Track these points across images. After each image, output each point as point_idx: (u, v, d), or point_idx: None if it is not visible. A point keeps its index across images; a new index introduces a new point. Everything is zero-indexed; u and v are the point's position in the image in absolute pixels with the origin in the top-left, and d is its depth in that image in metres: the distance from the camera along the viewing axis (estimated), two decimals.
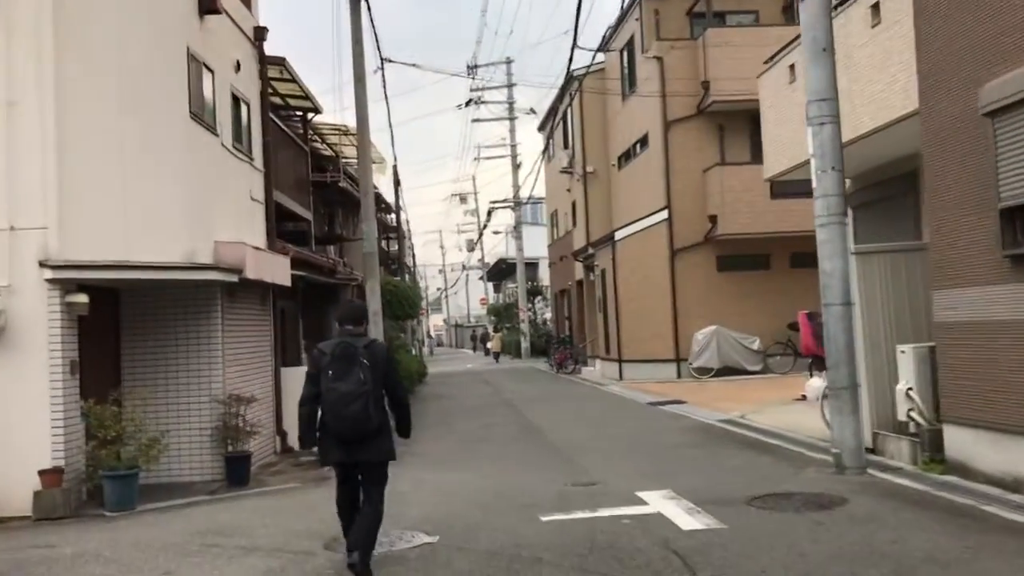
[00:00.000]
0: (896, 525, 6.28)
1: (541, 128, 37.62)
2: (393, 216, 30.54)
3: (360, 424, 5.41)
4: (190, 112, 10.16)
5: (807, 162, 12.98)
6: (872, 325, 8.95)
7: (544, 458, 10.90)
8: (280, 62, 13.53)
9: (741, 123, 22.59)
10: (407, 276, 40.37)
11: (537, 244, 46.30)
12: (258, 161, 12.84)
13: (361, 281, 13.78)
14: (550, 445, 12.11)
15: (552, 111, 34.13)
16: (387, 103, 26.75)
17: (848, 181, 14.26)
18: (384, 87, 21.04)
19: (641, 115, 24.49)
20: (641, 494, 7.73)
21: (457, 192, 67.98)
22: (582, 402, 18.73)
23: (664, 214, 22.56)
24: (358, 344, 5.59)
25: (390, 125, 18.93)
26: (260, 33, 12.81)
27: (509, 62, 45.11)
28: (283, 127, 14.98)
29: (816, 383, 14.99)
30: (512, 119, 45.64)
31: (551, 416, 16.01)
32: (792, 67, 12.59)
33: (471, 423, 15.45)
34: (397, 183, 30.14)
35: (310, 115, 16.60)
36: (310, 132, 17.63)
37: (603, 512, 7.19)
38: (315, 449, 5.84)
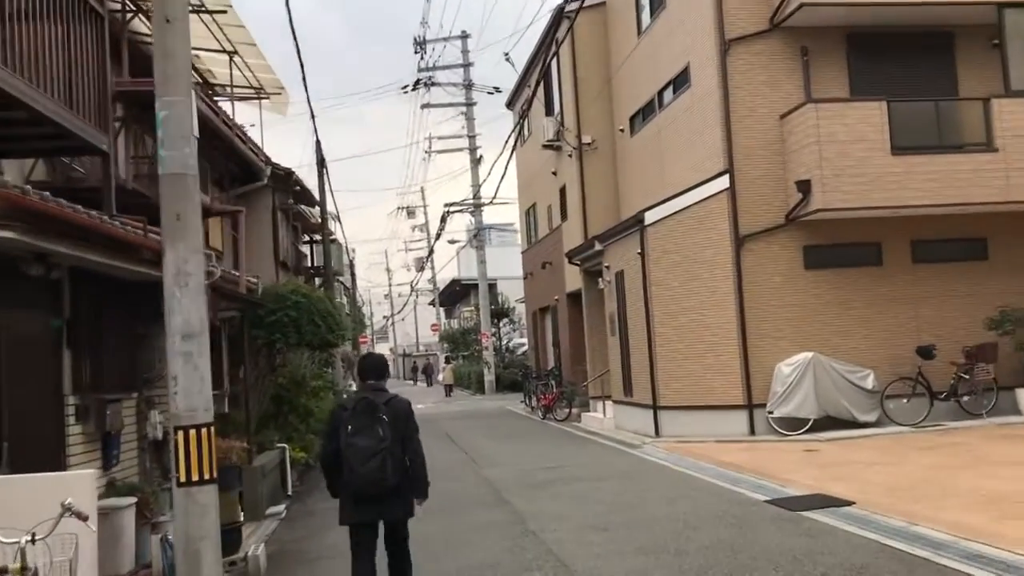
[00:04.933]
0: None
1: (510, 104, 29.71)
2: (317, 209, 22.16)
3: (376, 482, 5.31)
4: None
5: None
6: None
7: None
8: None
9: (836, 42, 14.97)
10: (344, 295, 31.90)
11: (493, 265, 39.12)
12: None
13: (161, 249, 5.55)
14: None
15: (526, 77, 26.30)
16: None
17: None
18: None
19: (674, 43, 16.73)
20: None
21: (404, 205, 59.84)
22: (624, 489, 10.63)
23: (723, 182, 14.74)
24: (379, 400, 5.51)
25: (292, 28, 10.45)
26: None
27: (465, 36, 37.46)
28: None
29: None
30: (470, 104, 37.88)
31: (594, 540, 7.92)
32: None
33: (437, 563, 7.35)
34: (321, 162, 21.81)
35: None
36: None
37: None
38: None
